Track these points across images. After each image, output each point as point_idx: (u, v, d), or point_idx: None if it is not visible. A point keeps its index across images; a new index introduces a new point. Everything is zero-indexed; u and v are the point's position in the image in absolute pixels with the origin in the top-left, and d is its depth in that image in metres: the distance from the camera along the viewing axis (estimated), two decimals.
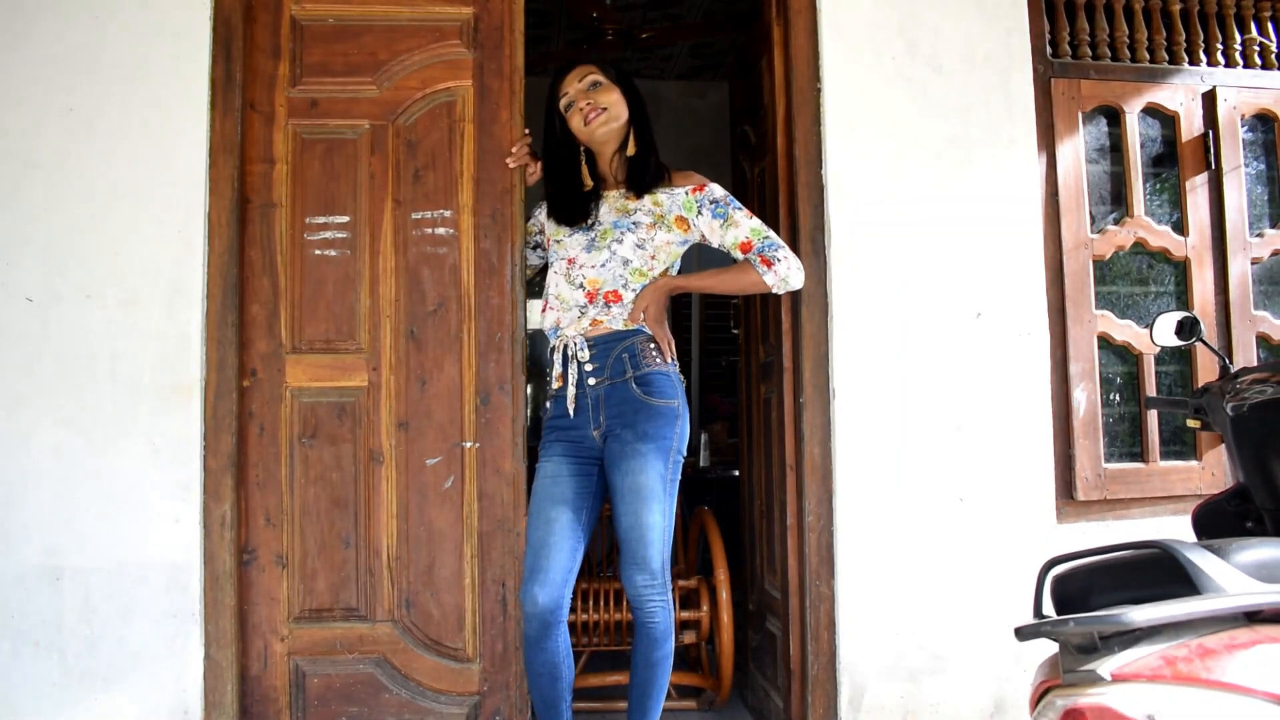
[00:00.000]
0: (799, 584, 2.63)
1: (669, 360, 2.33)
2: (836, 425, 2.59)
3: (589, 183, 2.46)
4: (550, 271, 2.45)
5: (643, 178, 2.39)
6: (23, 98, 2.47)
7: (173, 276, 2.46)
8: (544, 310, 2.41)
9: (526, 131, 2.59)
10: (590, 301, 2.33)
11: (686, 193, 2.39)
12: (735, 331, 3.40)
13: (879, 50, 2.69)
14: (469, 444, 2.54)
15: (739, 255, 2.36)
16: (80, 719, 2.36)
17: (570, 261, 2.37)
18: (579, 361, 2.31)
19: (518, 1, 2.63)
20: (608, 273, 2.33)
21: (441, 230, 2.58)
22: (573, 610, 3.03)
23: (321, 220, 2.57)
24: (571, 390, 2.31)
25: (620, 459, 2.22)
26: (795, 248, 2.64)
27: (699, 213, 2.38)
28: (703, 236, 2.41)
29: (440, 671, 2.51)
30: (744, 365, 3.34)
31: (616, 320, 2.32)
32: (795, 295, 2.66)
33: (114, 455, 2.42)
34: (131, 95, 2.49)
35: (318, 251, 2.56)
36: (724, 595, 3.05)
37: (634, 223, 2.35)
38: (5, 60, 2.48)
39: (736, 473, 3.87)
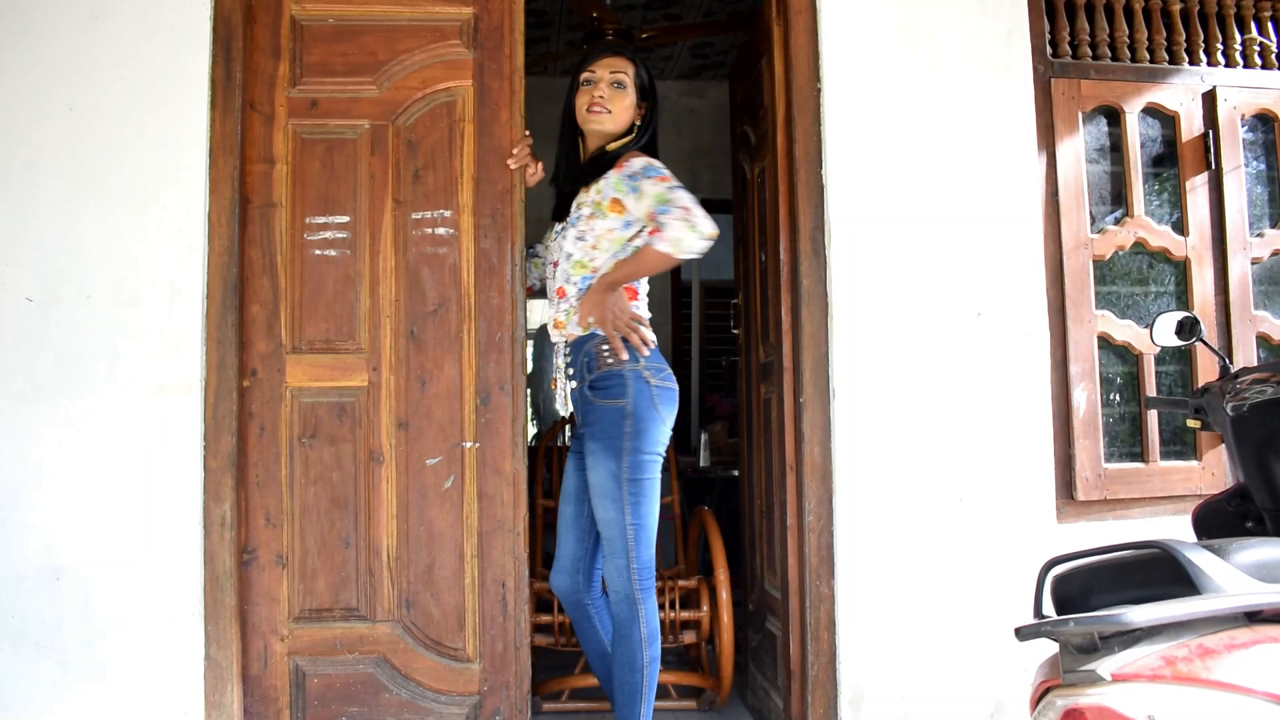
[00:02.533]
0: (799, 584, 2.62)
1: (624, 356, 2.28)
2: (836, 425, 2.59)
3: (584, 156, 2.49)
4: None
5: (590, 166, 2.41)
6: (23, 98, 2.47)
7: (173, 276, 2.46)
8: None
9: (527, 133, 2.59)
10: (558, 298, 2.43)
11: (615, 173, 2.33)
12: (735, 331, 3.40)
13: (879, 50, 2.69)
14: (469, 444, 2.54)
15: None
16: (80, 719, 2.36)
17: (555, 265, 2.47)
18: (565, 363, 2.41)
19: (518, 2, 2.63)
20: (559, 270, 2.42)
21: (441, 230, 2.58)
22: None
23: (321, 220, 2.57)
24: (564, 389, 2.41)
25: (587, 458, 2.32)
26: (795, 247, 2.64)
27: (628, 191, 2.30)
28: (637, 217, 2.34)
29: (440, 671, 2.51)
30: (744, 365, 3.34)
31: (570, 320, 2.37)
32: (795, 295, 2.66)
33: (114, 455, 2.42)
34: (131, 95, 2.48)
35: (318, 251, 2.56)
36: (724, 595, 3.05)
37: (578, 216, 2.39)
38: (5, 60, 2.47)
39: (736, 473, 3.87)
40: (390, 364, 2.55)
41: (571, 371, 2.38)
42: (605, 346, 2.30)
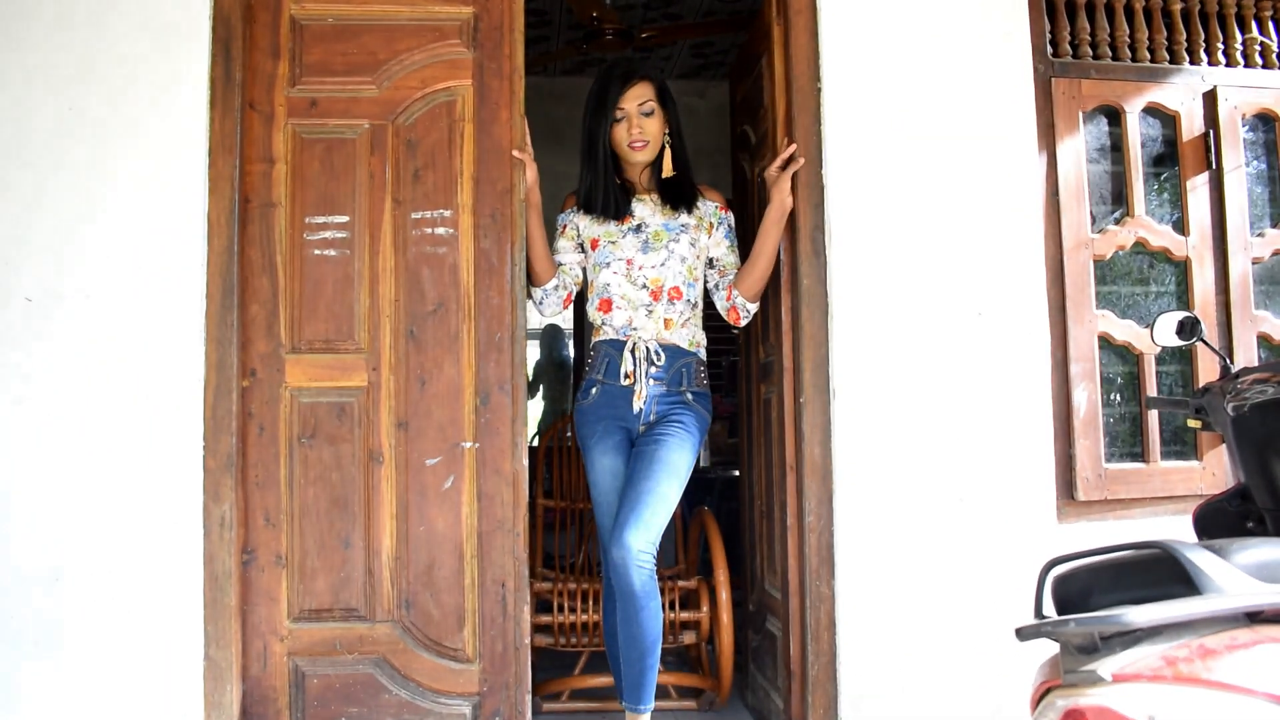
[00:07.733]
0: (799, 584, 2.62)
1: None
2: (836, 425, 2.59)
3: (617, 181, 2.66)
4: (605, 271, 2.60)
5: (679, 199, 2.65)
6: (21, 97, 2.46)
7: (172, 276, 2.46)
8: (608, 309, 2.59)
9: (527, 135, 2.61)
10: (655, 299, 2.57)
11: (715, 208, 2.70)
12: (735, 331, 3.40)
13: (879, 50, 2.69)
14: (469, 444, 2.53)
15: (720, 275, 2.70)
16: (80, 719, 2.36)
17: (629, 263, 2.58)
18: (651, 363, 2.53)
19: (518, 2, 2.63)
20: (668, 271, 2.58)
21: (441, 230, 2.58)
22: (570, 610, 3.05)
23: (321, 220, 2.57)
24: (642, 387, 2.51)
25: (667, 439, 2.48)
26: (795, 247, 2.65)
27: (715, 227, 2.69)
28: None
29: (440, 672, 2.51)
30: (744, 365, 3.34)
31: (680, 319, 2.58)
32: (795, 295, 2.66)
33: (113, 455, 2.41)
34: (131, 95, 2.48)
35: (317, 251, 2.56)
36: (723, 596, 3.05)
37: (683, 225, 2.63)
38: (4, 60, 2.47)
39: (736, 473, 3.87)
40: (390, 364, 2.55)
41: (656, 370, 2.53)
42: (704, 369, 2.63)
